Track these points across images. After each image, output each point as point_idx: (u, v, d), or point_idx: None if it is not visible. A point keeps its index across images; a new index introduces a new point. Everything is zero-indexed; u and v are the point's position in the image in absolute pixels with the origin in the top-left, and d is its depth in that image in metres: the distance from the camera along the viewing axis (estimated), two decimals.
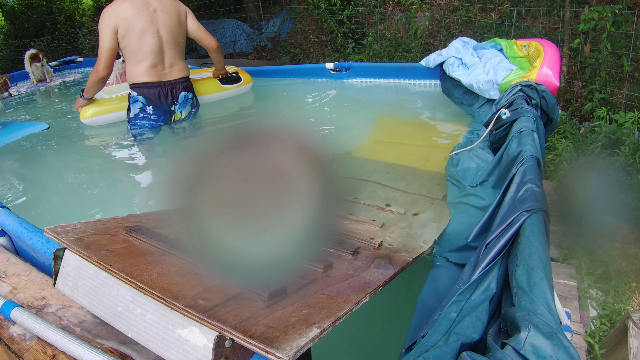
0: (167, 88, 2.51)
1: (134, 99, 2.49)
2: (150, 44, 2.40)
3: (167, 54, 2.48)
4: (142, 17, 2.36)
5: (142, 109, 2.49)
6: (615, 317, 2.01)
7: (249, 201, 0.81)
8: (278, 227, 0.79)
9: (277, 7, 7.48)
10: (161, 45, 2.45)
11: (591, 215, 1.99)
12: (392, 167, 2.27)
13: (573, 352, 0.69)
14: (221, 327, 0.73)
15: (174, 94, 2.55)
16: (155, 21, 2.42)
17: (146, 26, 2.38)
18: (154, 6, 2.43)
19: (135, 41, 2.37)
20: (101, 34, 2.35)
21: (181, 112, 2.60)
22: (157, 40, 2.42)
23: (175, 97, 2.56)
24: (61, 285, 1.02)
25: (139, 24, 2.35)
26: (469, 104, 2.93)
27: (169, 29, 2.47)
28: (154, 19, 2.41)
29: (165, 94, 2.51)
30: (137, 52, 2.39)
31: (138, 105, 2.49)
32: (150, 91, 2.47)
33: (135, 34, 2.36)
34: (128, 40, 2.36)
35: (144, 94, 2.47)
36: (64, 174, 2.54)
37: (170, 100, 2.54)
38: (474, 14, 5.06)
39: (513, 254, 1.03)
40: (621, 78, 3.82)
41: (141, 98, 2.47)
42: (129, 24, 2.33)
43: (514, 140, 1.67)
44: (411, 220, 1.67)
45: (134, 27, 2.35)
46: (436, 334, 0.84)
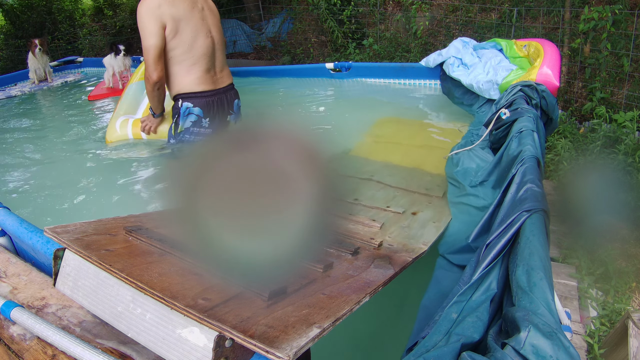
0: (222, 96, 2.17)
1: (187, 110, 2.10)
2: (204, 46, 2.06)
3: (217, 57, 2.16)
4: (193, 15, 2.02)
5: (197, 122, 2.12)
6: (615, 317, 2.01)
7: (248, 201, 0.81)
8: (278, 227, 0.79)
9: (277, 7, 7.48)
10: (213, 47, 2.12)
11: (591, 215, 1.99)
12: (392, 167, 2.27)
13: (573, 352, 0.69)
14: (221, 327, 0.73)
15: (229, 101, 2.21)
16: (206, 20, 2.11)
17: (198, 25, 2.04)
18: (201, 4, 2.12)
19: (187, 42, 2.01)
20: (144, 30, 1.96)
21: (235, 122, 2.24)
22: (210, 41, 2.09)
23: (231, 106, 2.22)
24: (61, 285, 1.02)
25: (191, 21, 2.01)
26: (469, 104, 2.93)
27: (218, 29, 2.18)
28: (204, 17, 2.10)
29: (222, 104, 2.17)
30: (189, 55, 2.03)
31: (192, 118, 2.12)
32: (207, 101, 2.10)
33: (187, 33, 2.00)
34: (178, 41, 2.00)
35: (200, 105, 2.09)
36: (64, 174, 2.54)
37: (226, 110, 2.20)
38: (474, 14, 5.06)
39: (513, 254, 1.03)
40: (621, 78, 3.82)
41: (197, 110, 2.10)
42: (178, 21, 1.98)
43: (514, 140, 1.67)
44: (410, 220, 1.67)
45: (185, 25, 2.00)
46: (437, 334, 0.84)
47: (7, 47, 6.67)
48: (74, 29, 7.42)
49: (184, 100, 2.09)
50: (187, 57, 2.04)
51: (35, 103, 4.39)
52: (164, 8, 1.95)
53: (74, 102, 4.29)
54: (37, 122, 3.64)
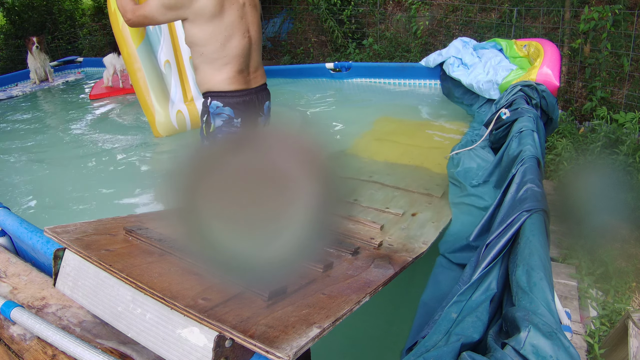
0: (253, 97, 2.05)
1: (217, 110, 1.99)
2: (239, 47, 1.92)
3: (253, 57, 2.02)
4: (232, 11, 1.86)
5: (229, 122, 1.99)
6: (615, 317, 2.01)
7: (249, 201, 0.81)
8: (278, 227, 0.79)
9: (277, 7, 7.48)
10: (250, 48, 1.98)
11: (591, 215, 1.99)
12: (392, 167, 2.27)
13: (573, 352, 0.69)
14: (221, 327, 0.73)
15: (260, 102, 2.10)
16: (245, 17, 1.93)
17: (236, 23, 1.88)
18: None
19: (220, 40, 1.86)
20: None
21: (265, 124, 2.14)
22: (247, 41, 1.95)
23: (261, 108, 2.11)
24: (61, 285, 1.02)
25: (227, 18, 1.85)
26: (469, 103, 2.94)
27: (257, 27, 2.03)
28: (244, 14, 1.91)
29: (252, 104, 2.06)
30: (221, 55, 1.90)
31: (223, 117, 1.99)
32: (238, 101, 1.99)
33: (221, 31, 1.85)
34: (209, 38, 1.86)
35: (230, 104, 1.98)
36: (64, 173, 2.54)
37: (257, 111, 2.08)
38: (474, 14, 5.06)
39: (513, 254, 1.03)
40: (621, 78, 3.82)
41: (227, 109, 1.98)
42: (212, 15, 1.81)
43: (514, 140, 1.67)
44: (410, 220, 1.67)
45: (219, 21, 1.84)
46: (437, 334, 0.84)
47: (7, 47, 6.67)
48: (74, 29, 7.42)
49: (214, 99, 1.97)
50: (220, 55, 1.90)
51: (37, 103, 4.40)
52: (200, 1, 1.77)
53: (75, 101, 4.29)
54: (38, 121, 3.64)
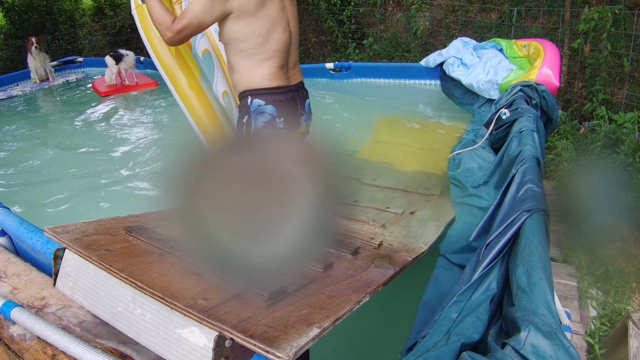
0: (295, 94, 1.92)
1: (259, 109, 1.83)
2: (281, 40, 1.82)
3: (292, 53, 1.92)
4: (273, 4, 1.78)
5: (271, 122, 1.84)
6: (615, 317, 2.01)
7: (249, 201, 0.81)
8: (278, 227, 0.79)
9: None
10: (290, 42, 1.88)
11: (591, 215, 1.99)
12: (392, 167, 2.27)
13: (573, 352, 0.69)
14: (221, 327, 0.73)
15: (301, 100, 1.96)
16: (285, 10, 1.84)
17: (277, 16, 1.80)
18: None
19: (262, 34, 1.76)
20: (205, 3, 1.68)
21: (306, 124, 2.00)
22: (287, 35, 1.85)
23: (302, 106, 1.97)
24: (61, 285, 1.02)
25: (269, 11, 1.77)
26: (469, 103, 2.94)
27: (296, 21, 1.93)
28: (284, 7, 1.83)
29: (295, 102, 1.92)
30: (263, 49, 1.79)
31: (264, 117, 1.83)
32: (281, 98, 1.86)
33: (263, 25, 1.76)
34: (251, 32, 1.75)
35: (273, 102, 1.84)
36: (64, 173, 2.54)
37: (299, 110, 1.94)
38: (474, 14, 5.06)
39: (513, 254, 1.03)
40: (621, 78, 3.82)
41: (270, 108, 1.82)
42: (254, 9, 1.73)
43: (514, 140, 1.67)
44: (409, 219, 1.67)
45: (262, 15, 1.75)
46: (437, 334, 0.84)
47: (7, 47, 6.67)
48: (74, 29, 7.42)
49: (254, 97, 1.82)
50: (261, 51, 1.79)
51: (37, 102, 4.40)
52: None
53: (76, 101, 4.29)
54: (38, 121, 3.64)
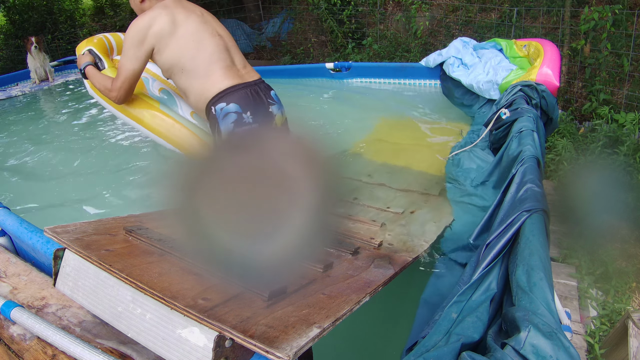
0: (254, 87, 1.87)
1: (222, 112, 1.77)
2: (213, 44, 1.82)
3: (234, 54, 1.91)
4: (191, 20, 1.83)
5: (239, 120, 1.78)
6: (615, 317, 2.01)
7: (248, 201, 0.81)
8: (278, 227, 0.79)
9: (277, 7, 7.48)
10: (225, 44, 1.88)
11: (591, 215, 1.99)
12: (392, 167, 2.27)
13: (573, 352, 0.69)
14: (221, 327, 0.73)
15: (265, 92, 1.90)
16: (209, 23, 1.89)
17: (200, 28, 1.83)
18: (199, 10, 1.92)
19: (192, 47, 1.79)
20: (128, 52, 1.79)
21: (282, 113, 1.93)
22: (218, 39, 1.85)
23: (268, 96, 1.90)
24: (61, 285, 1.02)
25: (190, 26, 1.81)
26: (469, 104, 2.94)
27: (226, 31, 1.96)
28: (205, 20, 1.88)
29: (257, 94, 1.86)
30: (200, 61, 1.80)
31: (231, 117, 1.77)
32: (241, 94, 1.80)
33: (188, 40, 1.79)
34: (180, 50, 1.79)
35: (234, 100, 1.78)
36: (64, 173, 2.54)
37: (265, 101, 1.87)
38: (474, 14, 5.06)
39: (513, 254, 1.03)
40: (621, 78, 3.82)
41: (233, 106, 1.77)
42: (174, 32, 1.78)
43: (514, 140, 1.67)
44: (409, 219, 1.67)
45: (184, 32, 1.79)
46: (437, 334, 0.84)
47: (7, 47, 6.68)
48: (74, 29, 7.42)
49: (216, 104, 1.79)
50: (199, 62, 1.80)
51: (36, 102, 4.40)
52: (155, 26, 1.76)
53: (75, 101, 4.29)
54: (38, 121, 3.64)
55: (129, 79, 1.84)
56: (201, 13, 1.90)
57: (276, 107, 1.91)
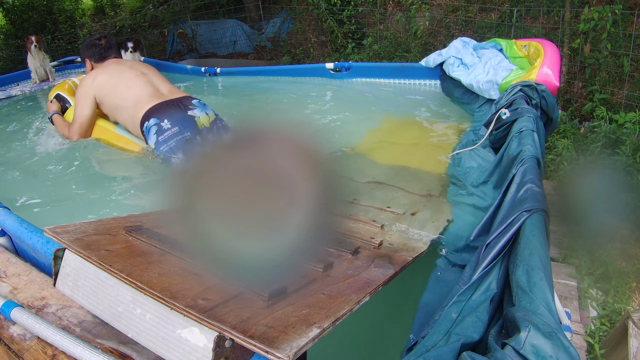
0: (173, 100, 2.23)
1: (147, 129, 2.15)
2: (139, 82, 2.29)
3: (160, 84, 2.36)
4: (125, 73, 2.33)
5: (160, 129, 2.12)
6: (615, 317, 2.01)
7: (248, 201, 0.81)
8: (278, 227, 0.79)
9: (277, 7, 7.48)
10: (150, 80, 2.34)
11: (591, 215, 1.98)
12: (392, 167, 2.27)
13: (573, 352, 0.69)
14: (221, 327, 0.73)
15: (184, 101, 2.24)
16: (135, 67, 2.39)
17: (131, 75, 2.32)
18: (130, 63, 2.45)
19: (124, 87, 2.27)
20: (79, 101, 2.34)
21: (207, 113, 2.24)
22: (143, 76, 2.33)
23: (188, 104, 2.23)
24: (61, 285, 1.02)
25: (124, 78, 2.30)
26: (469, 103, 2.94)
27: (153, 70, 2.44)
28: (132, 66, 2.39)
29: (175, 105, 2.20)
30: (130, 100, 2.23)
31: (153, 128, 2.12)
32: (157, 107, 2.17)
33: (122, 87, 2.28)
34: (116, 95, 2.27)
35: (152, 114, 2.15)
36: (64, 173, 2.54)
37: (183, 108, 2.20)
38: (474, 14, 5.06)
39: (513, 254, 1.03)
40: (621, 78, 3.82)
41: (152, 120, 2.12)
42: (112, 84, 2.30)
43: (514, 140, 1.67)
44: (410, 220, 1.67)
45: (118, 81, 2.29)
46: (437, 334, 0.84)
47: (7, 47, 6.68)
48: (74, 29, 7.42)
49: (143, 125, 2.18)
50: (128, 98, 2.25)
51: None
52: (96, 81, 2.31)
53: None
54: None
55: (82, 123, 2.40)
56: (131, 64, 2.43)
57: (197, 110, 2.24)
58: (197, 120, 2.18)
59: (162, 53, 7.56)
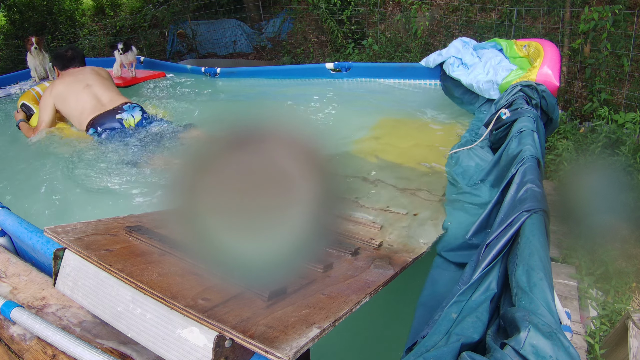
0: (109, 111, 2.84)
1: (89, 133, 2.83)
2: (86, 96, 2.85)
3: (101, 95, 2.90)
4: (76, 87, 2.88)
5: (96, 132, 2.82)
6: (615, 317, 2.01)
7: (248, 201, 0.81)
8: (278, 227, 0.79)
9: (277, 7, 7.48)
10: (94, 92, 2.89)
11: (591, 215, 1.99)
12: (392, 167, 2.27)
13: (573, 352, 0.69)
14: (221, 327, 0.73)
15: (116, 108, 2.86)
16: (86, 80, 2.93)
17: (79, 89, 2.87)
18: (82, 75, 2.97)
19: (73, 104, 2.84)
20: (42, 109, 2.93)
21: (132, 116, 2.87)
22: (89, 89, 2.89)
23: (118, 108, 2.85)
24: (61, 285, 1.02)
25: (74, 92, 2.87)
26: (469, 103, 2.93)
27: (98, 80, 2.97)
28: (84, 79, 2.93)
29: (109, 112, 2.84)
30: (78, 112, 2.83)
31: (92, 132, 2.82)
32: (96, 118, 2.81)
33: (72, 100, 2.85)
34: (68, 108, 2.87)
35: (92, 125, 2.81)
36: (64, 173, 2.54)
37: (112, 112, 2.84)
38: (474, 14, 5.06)
39: (513, 254, 1.03)
40: (621, 78, 3.82)
41: (91, 129, 2.81)
42: (66, 96, 2.87)
43: (513, 139, 1.67)
44: (411, 220, 1.67)
45: (69, 95, 2.86)
46: (437, 334, 0.84)
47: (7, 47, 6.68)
48: (74, 29, 7.43)
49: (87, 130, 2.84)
50: (76, 108, 2.85)
51: None
52: (54, 91, 2.89)
53: None
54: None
55: (45, 127, 2.93)
56: (83, 76, 2.96)
57: (125, 114, 2.85)
58: (125, 122, 2.84)
59: (162, 53, 7.56)
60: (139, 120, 2.86)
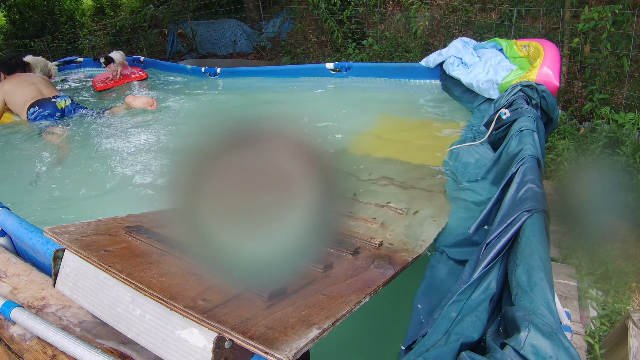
0: (47, 98, 3.51)
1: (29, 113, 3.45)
2: (30, 88, 3.50)
3: (43, 90, 3.55)
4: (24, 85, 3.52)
5: (34, 111, 3.45)
6: (615, 317, 2.01)
7: (248, 200, 0.81)
8: (278, 227, 0.79)
9: (277, 7, 7.48)
10: (37, 88, 3.53)
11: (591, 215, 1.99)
12: (392, 164, 2.27)
13: (573, 352, 0.69)
14: (221, 328, 0.73)
15: (52, 96, 3.55)
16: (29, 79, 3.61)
17: (25, 86, 3.51)
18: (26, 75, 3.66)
19: (19, 97, 3.47)
20: None
21: (64, 100, 3.57)
22: (33, 85, 3.54)
23: (52, 97, 3.54)
24: (61, 285, 1.02)
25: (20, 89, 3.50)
26: (469, 102, 2.94)
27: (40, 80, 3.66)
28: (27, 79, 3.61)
29: (46, 97, 3.51)
30: (23, 104, 3.44)
31: (31, 112, 3.45)
32: (36, 102, 3.45)
33: (18, 95, 3.48)
34: (15, 102, 3.48)
35: (32, 106, 3.45)
36: (64, 173, 2.54)
37: (49, 97, 3.53)
38: (474, 14, 5.06)
39: (513, 254, 1.03)
40: (621, 79, 3.82)
41: (32, 109, 3.45)
42: (13, 92, 3.50)
43: (513, 138, 1.67)
44: (411, 218, 1.66)
45: (15, 91, 3.50)
46: (436, 333, 0.84)
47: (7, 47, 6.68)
48: (75, 29, 7.42)
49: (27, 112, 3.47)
50: (20, 100, 3.47)
51: None
52: (3, 88, 3.52)
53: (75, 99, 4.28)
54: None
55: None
56: (26, 78, 3.64)
57: (59, 99, 3.56)
58: (57, 104, 3.53)
59: (162, 53, 7.56)
60: (69, 104, 3.63)
